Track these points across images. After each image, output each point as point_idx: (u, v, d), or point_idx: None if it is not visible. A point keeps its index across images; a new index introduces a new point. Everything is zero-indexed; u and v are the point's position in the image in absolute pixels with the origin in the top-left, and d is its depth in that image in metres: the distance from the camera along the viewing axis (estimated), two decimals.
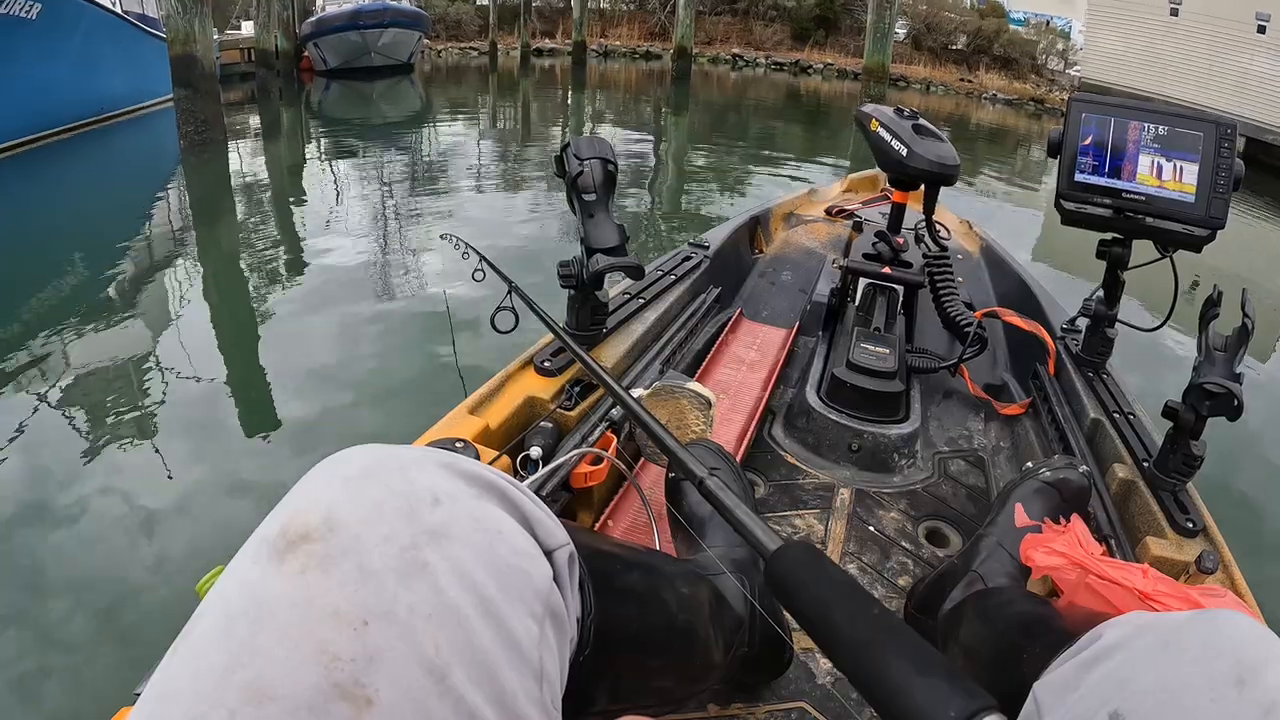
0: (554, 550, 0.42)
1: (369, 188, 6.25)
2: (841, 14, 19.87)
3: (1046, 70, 17.68)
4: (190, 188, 6.19)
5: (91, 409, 2.64)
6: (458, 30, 19.68)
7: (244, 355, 3.18)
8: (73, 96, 7.68)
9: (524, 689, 0.35)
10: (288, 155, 7.95)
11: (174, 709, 0.30)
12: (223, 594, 0.33)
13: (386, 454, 0.39)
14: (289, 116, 10.45)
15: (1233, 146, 1.10)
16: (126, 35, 8.70)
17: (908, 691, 0.41)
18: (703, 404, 1.07)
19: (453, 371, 2.66)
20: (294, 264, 4.31)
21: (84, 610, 1.77)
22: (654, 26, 21.01)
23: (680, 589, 0.66)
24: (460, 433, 0.93)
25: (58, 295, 3.70)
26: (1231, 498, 2.41)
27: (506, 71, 16.76)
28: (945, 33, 18.62)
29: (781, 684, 0.87)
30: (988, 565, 0.86)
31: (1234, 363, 0.90)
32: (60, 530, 2.02)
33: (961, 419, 1.51)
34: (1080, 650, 0.46)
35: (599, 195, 1.08)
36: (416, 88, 14.00)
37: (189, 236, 4.91)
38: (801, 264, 2.09)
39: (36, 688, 1.58)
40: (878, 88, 10.83)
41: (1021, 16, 19.18)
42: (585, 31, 16.96)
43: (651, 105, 13.18)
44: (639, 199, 6.34)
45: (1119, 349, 1.36)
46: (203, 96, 6.78)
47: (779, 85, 16.58)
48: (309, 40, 13.87)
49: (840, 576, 0.50)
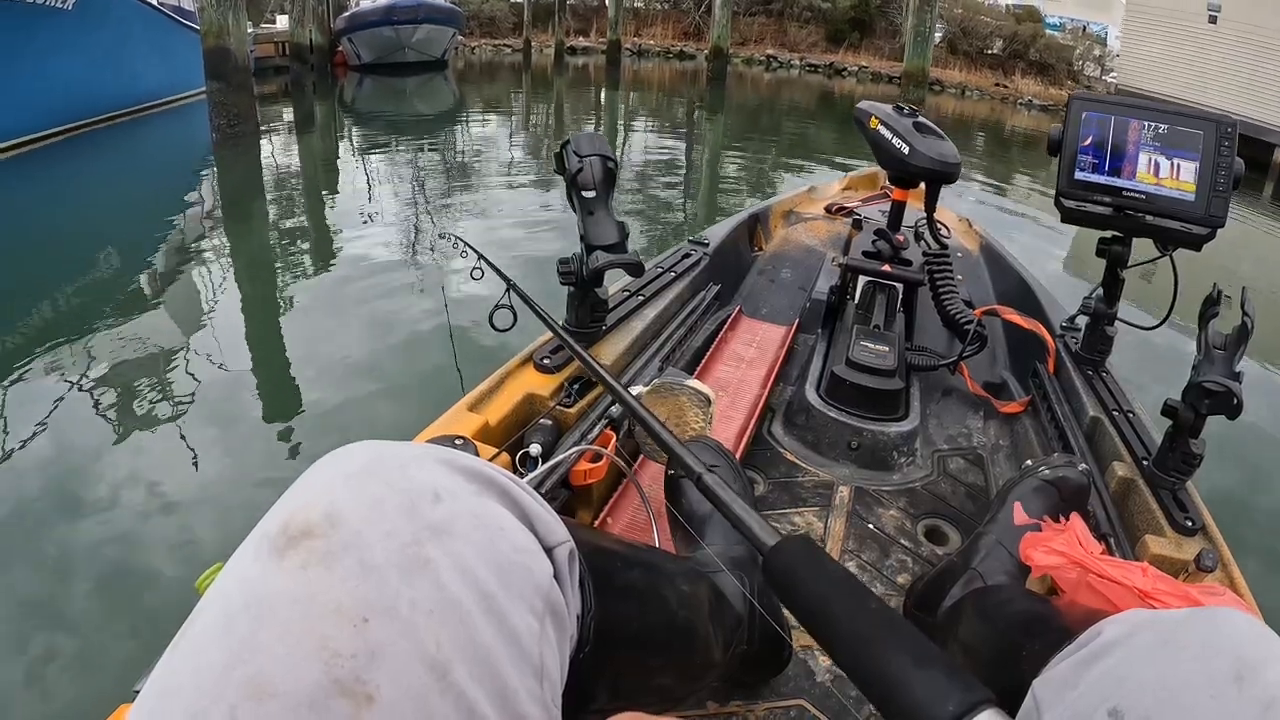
0: (554, 547, 0.42)
1: (400, 184, 6.20)
2: (877, 16, 19.67)
3: (1083, 76, 17.34)
4: (222, 181, 6.15)
5: (112, 393, 2.68)
6: (492, 27, 19.70)
7: (260, 348, 3.19)
8: (106, 88, 7.67)
9: (525, 686, 0.35)
10: (320, 149, 7.93)
11: (174, 705, 0.29)
12: (223, 590, 0.33)
13: (387, 450, 0.39)
14: (322, 111, 10.44)
15: (1233, 145, 1.10)
16: (161, 27, 8.71)
17: (906, 685, 0.41)
18: (702, 401, 1.07)
19: (459, 368, 2.66)
20: (318, 259, 4.32)
21: (96, 595, 1.79)
22: (688, 26, 20.92)
23: (680, 586, 0.66)
24: (460, 430, 0.93)
25: (89, 284, 3.73)
26: (1231, 496, 2.41)
27: (540, 69, 16.70)
28: (981, 37, 18.38)
29: (781, 682, 0.87)
30: (987, 563, 0.86)
31: (1233, 361, 0.90)
32: (81, 515, 2.05)
33: (961, 417, 1.51)
34: (1079, 648, 0.46)
35: (599, 192, 1.08)
36: (450, 84, 13.97)
37: (219, 230, 4.89)
38: (801, 261, 2.09)
39: (47, 671, 1.59)
40: (917, 92, 10.38)
41: (1057, 21, 18.98)
42: (620, 30, 16.84)
43: (686, 105, 13.06)
44: (674, 200, 6.28)
45: (1119, 347, 1.36)
46: (236, 90, 6.72)
47: (813, 87, 16.38)
48: (343, 35, 13.91)
49: (838, 572, 0.50)
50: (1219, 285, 0.96)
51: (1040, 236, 5.57)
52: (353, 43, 13.87)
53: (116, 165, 6.57)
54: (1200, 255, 1.15)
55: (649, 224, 5.35)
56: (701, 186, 7.09)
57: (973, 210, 5.02)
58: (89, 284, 3.75)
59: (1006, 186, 7.75)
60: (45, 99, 6.59)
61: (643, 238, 4.84)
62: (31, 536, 1.97)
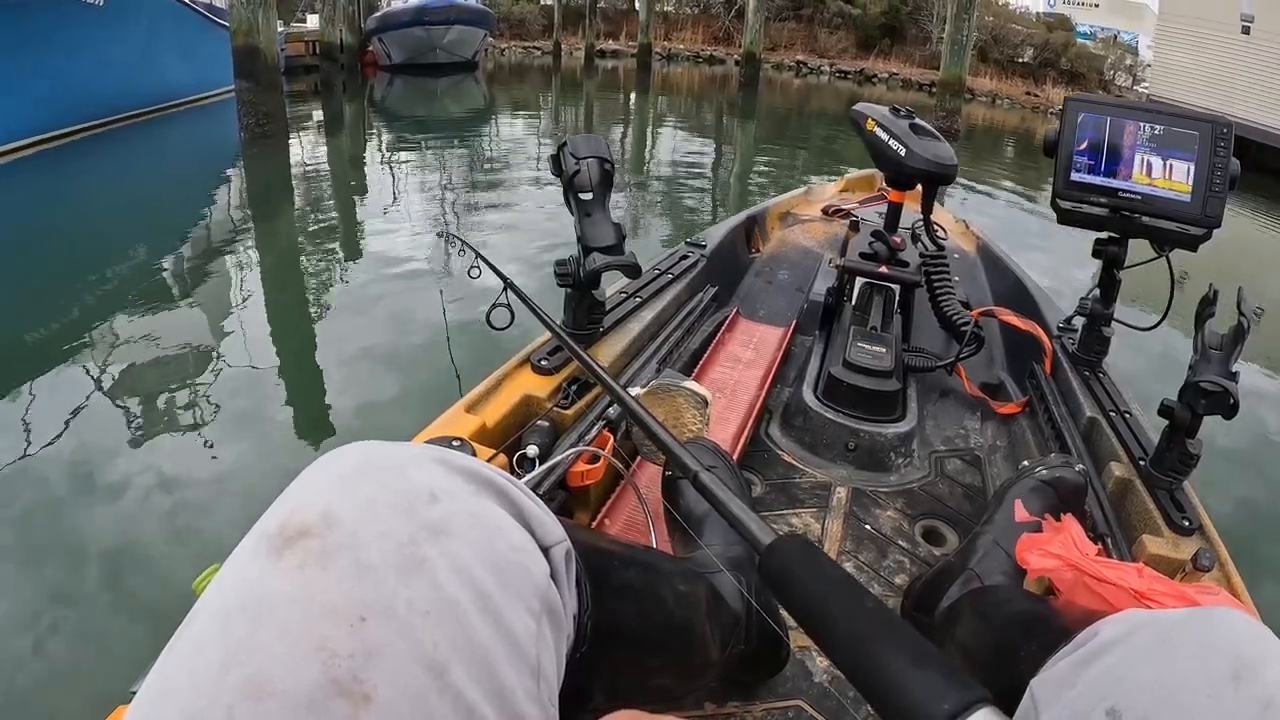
0: (551, 547, 0.42)
1: (428, 186, 6.15)
2: (907, 22, 19.53)
3: (1114, 86, 17.17)
4: (249, 180, 6.10)
5: (135, 387, 2.71)
6: (521, 29, 19.75)
7: (262, 347, 3.17)
8: (136, 84, 7.65)
9: (522, 685, 0.35)
10: (349, 149, 7.88)
11: (171, 706, 0.29)
12: (220, 590, 0.33)
13: (384, 451, 0.39)
14: (351, 111, 10.42)
15: (1229, 145, 1.11)
16: (191, 24, 8.68)
17: (902, 684, 0.41)
18: (699, 402, 1.07)
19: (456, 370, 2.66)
20: (337, 261, 4.30)
21: (105, 587, 1.81)
22: (718, 31, 20.88)
23: (677, 586, 0.66)
24: (457, 431, 0.93)
25: (115, 280, 3.74)
26: (1227, 496, 2.42)
27: (570, 72, 16.66)
28: (1012, 45, 18.22)
29: (779, 682, 0.87)
30: (985, 564, 0.86)
31: (1230, 361, 0.90)
32: (99, 507, 2.06)
33: (958, 418, 1.51)
34: (1077, 647, 0.46)
35: (596, 194, 1.08)
36: (481, 85, 13.95)
37: (245, 229, 4.87)
38: (798, 263, 2.09)
39: (46, 671, 1.59)
40: (954, 101, 9.91)
41: (1088, 30, 18.88)
42: (650, 34, 16.76)
43: (714, 110, 12.98)
44: (703, 207, 6.24)
45: (1115, 348, 1.37)
46: (265, 89, 6.62)
47: (843, 94, 16.17)
48: (373, 35, 13.93)
49: (834, 571, 0.50)
50: (1214, 285, 0.96)
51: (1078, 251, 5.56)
52: (383, 43, 13.88)
53: (145, 162, 6.56)
54: (1197, 255, 1.16)
55: (678, 229, 5.31)
56: (732, 190, 7.07)
57: (1003, 219, 4.98)
58: (115, 278, 3.76)
59: (1037, 194, 7.71)
60: (74, 94, 6.57)
61: (675, 244, 4.82)
62: (35, 531, 1.97)
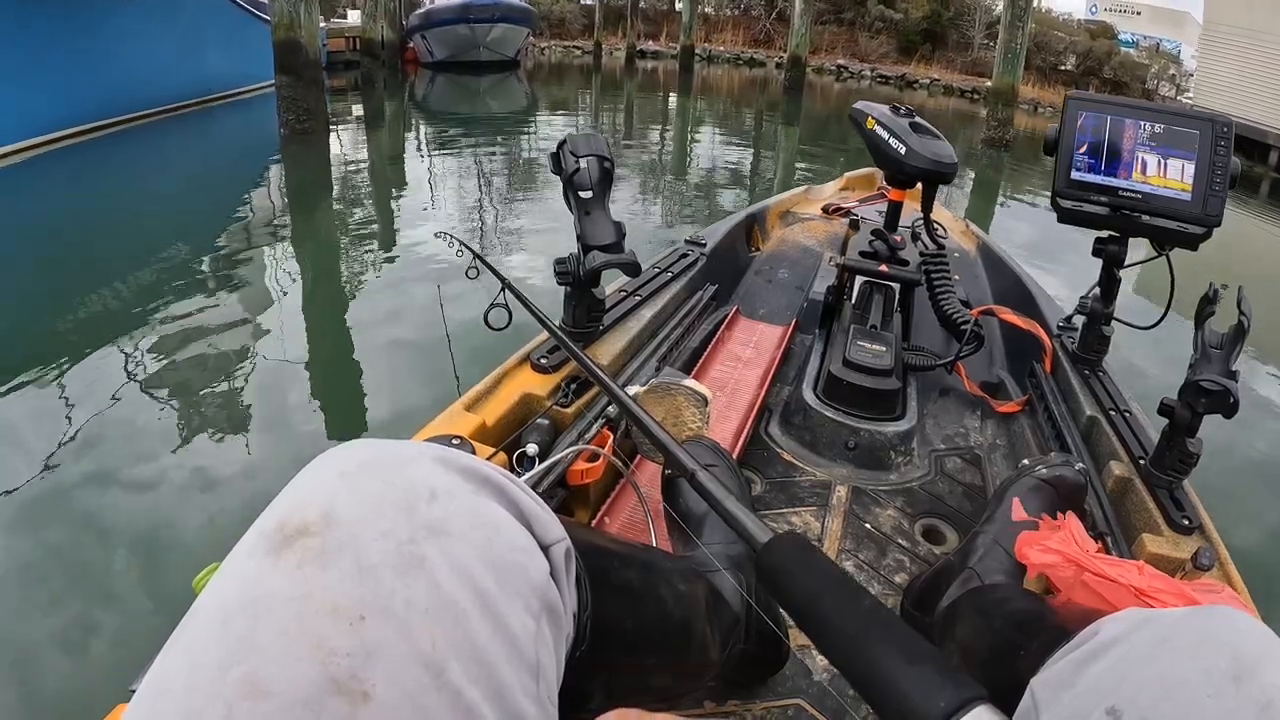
0: (551, 546, 0.41)
1: (465, 187, 6.11)
2: (949, 28, 19.40)
3: (1158, 95, 17.02)
4: (288, 176, 6.05)
5: (163, 378, 2.74)
6: (561, 28, 19.81)
7: (264, 349, 3.16)
8: (176, 76, 7.65)
9: (521, 684, 0.35)
10: (389, 146, 7.85)
11: (170, 705, 0.29)
12: (219, 589, 0.33)
13: (384, 449, 0.39)
14: (392, 107, 10.40)
15: (1229, 144, 1.11)
16: (232, 17, 8.67)
17: (898, 683, 0.41)
18: (699, 401, 1.06)
19: (456, 369, 2.66)
20: (373, 261, 4.29)
21: (103, 586, 1.81)
22: (758, 33, 20.83)
23: (677, 585, 0.66)
24: (457, 429, 0.93)
25: (152, 272, 3.74)
26: (1227, 495, 2.42)
27: (610, 71, 16.61)
28: (1055, 52, 18.10)
29: (778, 681, 0.87)
30: (984, 562, 0.86)
31: (1230, 360, 0.90)
32: (96, 504, 2.06)
33: (958, 417, 1.51)
34: (1077, 646, 0.46)
35: (595, 192, 1.08)
36: (524, 84, 13.92)
37: (283, 225, 4.85)
38: (798, 262, 2.09)
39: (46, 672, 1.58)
40: (1006, 110, 9.71)
41: (1130, 38, 18.78)
42: (692, 36, 16.72)
43: (755, 113, 12.89)
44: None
45: (1115, 347, 1.37)
46: (305, 84, 6.55)
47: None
48: (416, 31, 13.94)
49: (832, 569, 0.50)
50: (1214, 283, 0.96)
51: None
52: (426, 40, 13.89)
53: (184, 156, 6.54)
54: (1197, 254, 1.16)
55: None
56: (775, 193, 7.03)
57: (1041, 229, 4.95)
58: (151, 270, 3.77)
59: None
60: (114, 86, 6.57)
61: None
62: (39, 526, 1.97)
